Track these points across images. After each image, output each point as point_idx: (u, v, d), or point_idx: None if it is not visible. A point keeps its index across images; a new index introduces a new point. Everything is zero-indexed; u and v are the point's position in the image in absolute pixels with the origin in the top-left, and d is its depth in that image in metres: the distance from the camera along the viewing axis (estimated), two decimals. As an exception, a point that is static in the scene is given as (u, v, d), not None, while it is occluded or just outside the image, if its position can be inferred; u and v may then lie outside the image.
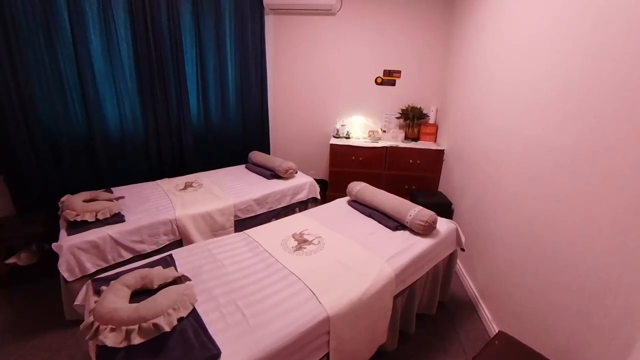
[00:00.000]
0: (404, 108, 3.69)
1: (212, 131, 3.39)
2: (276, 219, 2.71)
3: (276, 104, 3.94)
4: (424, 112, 3.66)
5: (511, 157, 1.99)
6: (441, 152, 3.40)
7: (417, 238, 1.96)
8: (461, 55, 3.08)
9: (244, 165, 3.26)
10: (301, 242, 1.84)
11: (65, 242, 1.86)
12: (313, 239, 1.87)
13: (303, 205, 2.94)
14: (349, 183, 3.46)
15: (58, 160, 2.59)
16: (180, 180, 2.74)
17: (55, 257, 1.90)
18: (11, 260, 2.34)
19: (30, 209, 2.53)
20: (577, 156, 1.39)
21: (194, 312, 1.27)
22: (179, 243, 2.23)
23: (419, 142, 3.66)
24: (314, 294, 1.42)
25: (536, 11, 1.82)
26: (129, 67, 2.81)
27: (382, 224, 2.09)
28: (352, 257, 1.73)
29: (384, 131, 3.76)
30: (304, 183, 2.91)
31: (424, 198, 3.08)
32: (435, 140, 3.68)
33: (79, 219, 1.98)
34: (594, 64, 1.32)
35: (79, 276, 1.91)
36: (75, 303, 1.50)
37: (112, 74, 2.73)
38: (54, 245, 1.88)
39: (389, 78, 3.73)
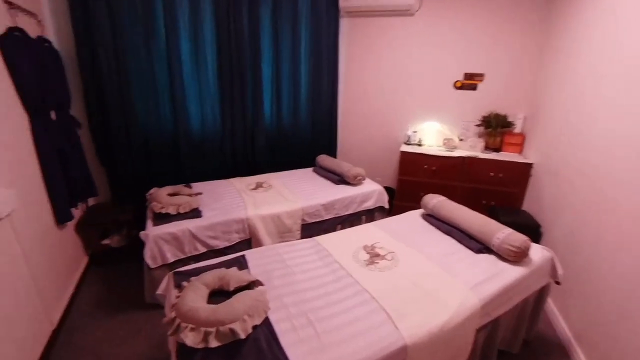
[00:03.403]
0: (486, 115, 3.35)
1: (283, 133, 3.45)
2: (341, 226, 2.66)
3: (346, 107, 3.88)
4: (509, 120, 3.28)
5: (633, 176, 1.64)
6: (528, 165, 3.01)
7: (506, 265, 1.72)
8: (560, 57, 2.68)
9: (311, 169, 3.25)
10: (373, 256, 1.73)
11: (151, 232, 2.01)
12: (386, 254, 1.75)
13: (369, 214, 2.82)
14: (418, 193, 3.27)
15: (147, 155, 2.85)
16: (252, 180, 2.83)
17: (139, 242, 2.06)
18: (105, 241, 2.63)
19: (123, 197, 2.82)
20: None
21: (266, 320, 1.24)
22: (247, 242, 2.28)
23: (501, 153, 3.29)
24: (390, 317, 1.30)
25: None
26: (212, 69, 2.98)
27: (463, 245, 1.88)
28: (430, 279, 1.57)
29: (461, 139, 3.46)
30: (372, 191, 2.79)
31: (506, 216, 2.75)
32: (520, 152, 3.28)
33: (163, 211, 2.13)
34: None
35: (160, 264, 2.05)
36: (157, 292, 1.60)
37: (198, 76, 2.92)
38: (141, 233, 2.05)
39: (469, 82, 3.43)
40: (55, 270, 2.08)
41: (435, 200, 2.19)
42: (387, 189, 3.08)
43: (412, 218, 2.25)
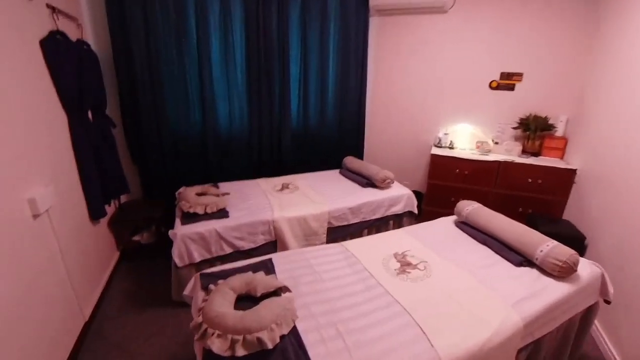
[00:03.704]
0: (524, 117, 3.16)
1: (310, 133, 3.42)
2: (368, 231, 2.58)
3: (373, 108, 3.79)
4: (550, 122, 3.07)
5: None
6: (571, 171, 2.80)
7: (550, 280, 1.58)
8: (612, 57, 2.46)
9: (338, 170, 3.20)
10: (404, 265, 1.65)
11: (179, 231, 2.03)
12: (418, 263, 1.66)
13: (397, 219, 2.73)
14: (449, 198, 3.15)
15: (177, 154, 2.90)
16: (278, 180, 2.81)
17: (168, 240, 2.09)
18: (136, 238, 2.69)
19: (153, 195, 2.88)
20: None
21: (294, 329, 1.20)
22: (273, 244, 2.26)
23: (540, 157, 3.09)
24: (425, 333, 1.22)
25: None
26: (240, 69, 2.99)
27: (502, 256, 1.76)
28: (466, 293, 1.47)
29: (496, 143, 3.28)
30: (400, 195, 2.69)
31: (546, 226, 2.56)
32: (562, 157, 3.06)
33: (191, 210, 2.15)
34: None
35: (187, 263, 2.06)
36: (184, 293, 1.59)
37: (227, 76, 2.94)
38: (170, 232, 2.07)
39: (506, 82, 3.24)
40: (89, 265, 2.14)
41: (470, 207, 2.07)
42: (415, 193, 2.97)
43: (445, 225, 2.14)
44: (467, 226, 2.05)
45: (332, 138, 3.54)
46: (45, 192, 1.62)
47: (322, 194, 2.58)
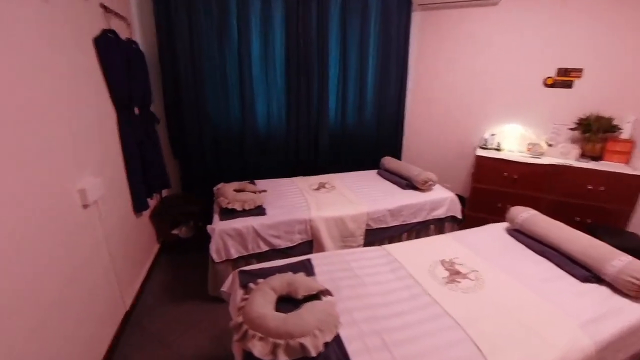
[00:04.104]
0: (584, 117, 2.87)
1: (347, 132, 3.34)
2: (407, 235, 2.46)
3: (413, 107, 3.64)
4: (614, 123, 2.77)
5: None
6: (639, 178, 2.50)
7: (624, 300, 1.39)
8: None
9: (375, 171, 3.09)
10: (453, 273, 1.52)
11: (217, 227, 2.03)
12: (468, 273, 1.53)
13: (439, 224, 2.58)
14: (495, 203, 2.94)
15: (216, 151, 2.94)
16: (314, 179, 2.75)
17: (205, 234, 2.09)
18: (175, 231, 2.75)
19: (192, 190, 2.94)
20: None
21: (337, 336, 1.12)
22: (309, 244, 2.21)
23: (602, 162, 2.79)
24: (481, 352, 1.10)
25: None
26: (279, 68, 2.98)
27: (565, 270, 1.58)
28: (525, 308, 1.32)
29: (550, 145, 3.01)
30: (443, 198, 2.54)
31: (609, 238, 2.26)
32: (628, 162, 2.75)
33: (229, 206, 2.15)
34: None
35: (224, 259, 2.06)
36: (221, 289, 1.58)
37: (266, 75, 2.94)
38: (208, 227, 2.08)
39: (563, 78, 2.97)
40: (131, 256, 2.20)
41: (525, 214, 1.89)
42: (457, 197, 2.80)
43: (495, 232, 1.98)
44: (522, 235, 1.87)
45: (369, 137, 3.44)
46: (95, 184, 1.67)
47: (359, 194, 2.50)
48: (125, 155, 2.12)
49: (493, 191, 2.95)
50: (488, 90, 3.25)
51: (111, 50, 1.95)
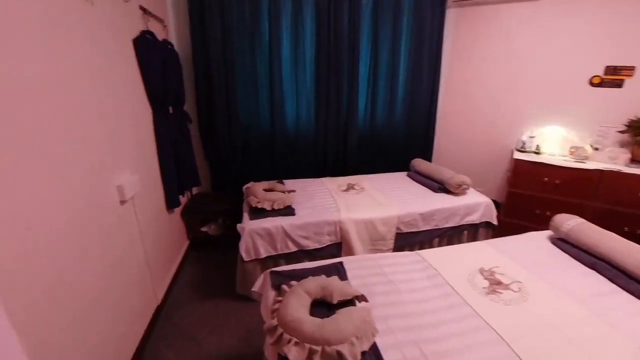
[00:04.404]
0: (635, 119, 2.66)
1: (376, 133, 3.28)
2: (439, 240, 2.37)
3: (446, 107, 3.51)
4: (671, 126, 2.55)
5: None
6: (701, 187, 2.29)
7: (694, 323, 1.26)
8: None
9: (405, 173, 3.01)
10: (494, 283, 1.44)
11: (247, 226, 2.03)
12: (510, 283, 1.44)
13: (472, 229, 2.47)
14: (533, 210, 2.78)
15: (245, 150, 2.97)
16: (343, 180, 2.71)
17: (233, 232, 2.10)
18: (204, 229, 2.80)
19: (221, 189, 2.98)
20: None
21: (373, 345, 1.08)
22: (337, 246, 2.17)
23: (655, 168, 2.58)
24: (530, 370, 1.02)
25: None
26: (309, 68, 2.96)
27: (619, 285, 1.45)
28: (575, 325, 1.22)
29: (596, 149, 2.81)
30: (478, 203, 2.43)
31: (664, 251, 2.11)
32: (686, 169, 2.52)
33: (259, 206, 2.15)
34: None
35: (253, 258, 2.05)
36: (252, 289, 1.57)
37: (296, 75, 2.94)
38: (238, 226, 2.09)
39: (612, 77, 2.76)
40: (163, 251, 2.25)
41: (572, 222, 1.76)
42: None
43: (537, 241, 1.85)
44: (568, 244, 1.74)
45: (399, 139, 3.36)
46: (132, 180, 1.71)
47: (390, 196, 2.43)
48: (160, 153, 2.17)
49: (531, 197, 2.79)
50: (526, 89, 3.09)
51: (149, 51, 2.00)
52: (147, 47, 1.99)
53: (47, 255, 1.08)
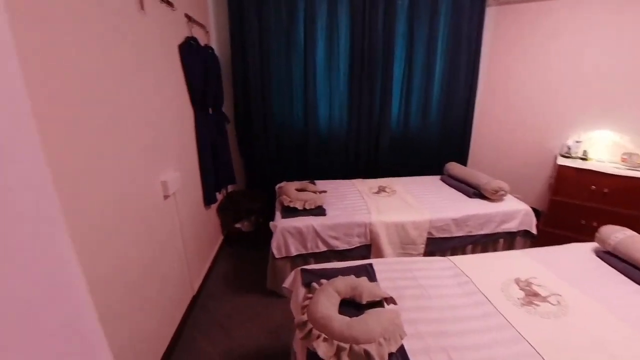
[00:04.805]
0: (700, 125, 2.42)
1: (409, 136, 3.24)
2: (472, 247, 2.30)
3: (483, 109, 3.39)
4: None
5: None
6: None
7: None
8: None
9: (438, 177, 2.94)
10: (530, 294, 1.38)
11: (280, 224, 2.09)
12: (548, 296, 1.38)
13: (509, 238, 2.37)
14: (578, 220, 2.62)
15: (279, 150, 3.05)
16: (374, 183, 2.71)
17: (265, 230, 2.17)
18: (238, 225, 2.91)
19: (255, 187, 3.08)
20: None
21: (401, 348, 1.09)
22: (367, 248, 2.18)
23: None
24: (567, 386, 0.98)
25: None
26: (343, 70, 2.99)
27: (673, 304, 1.34)
28: (620, 343, 1.15)
29: (652, 156, 2.59)
30: (516, 210, 2.33)
31: None
32: None
33: (291, 205, 2.21)
34: None
35: (284, 256, 2.12)
36: (283, 285, 1.62)
37: (329, 76, 2.98)
38: (271, 223, 2.16)
39: (673, 79, 2.53)
40: (200, 245, 2.37)
41: (620, 234, 1.65)
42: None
43: (581, 253, 1.75)
44: (616, 258, 1.63)
45: (433, 141, 3.29)
46: (174, 177, 1.83)
47: (422, 200, 2.40)
48: (200, 152, 2.30)
49: (576, 206, 2.63)
50: (572, 91, 2.91)
51: (192, 56, 2.13)
52: (190, 53, 2.11)
53: (99, 248, 1.18)
